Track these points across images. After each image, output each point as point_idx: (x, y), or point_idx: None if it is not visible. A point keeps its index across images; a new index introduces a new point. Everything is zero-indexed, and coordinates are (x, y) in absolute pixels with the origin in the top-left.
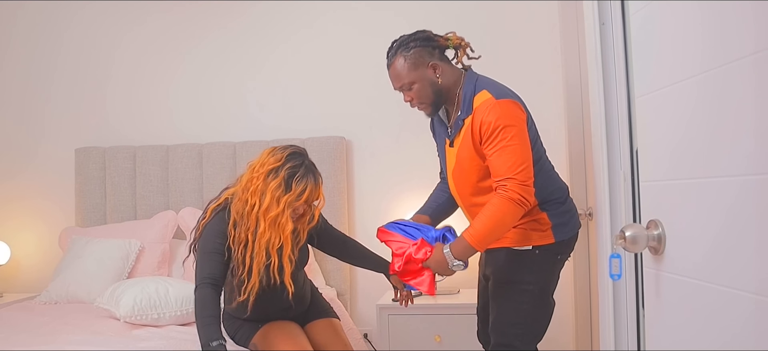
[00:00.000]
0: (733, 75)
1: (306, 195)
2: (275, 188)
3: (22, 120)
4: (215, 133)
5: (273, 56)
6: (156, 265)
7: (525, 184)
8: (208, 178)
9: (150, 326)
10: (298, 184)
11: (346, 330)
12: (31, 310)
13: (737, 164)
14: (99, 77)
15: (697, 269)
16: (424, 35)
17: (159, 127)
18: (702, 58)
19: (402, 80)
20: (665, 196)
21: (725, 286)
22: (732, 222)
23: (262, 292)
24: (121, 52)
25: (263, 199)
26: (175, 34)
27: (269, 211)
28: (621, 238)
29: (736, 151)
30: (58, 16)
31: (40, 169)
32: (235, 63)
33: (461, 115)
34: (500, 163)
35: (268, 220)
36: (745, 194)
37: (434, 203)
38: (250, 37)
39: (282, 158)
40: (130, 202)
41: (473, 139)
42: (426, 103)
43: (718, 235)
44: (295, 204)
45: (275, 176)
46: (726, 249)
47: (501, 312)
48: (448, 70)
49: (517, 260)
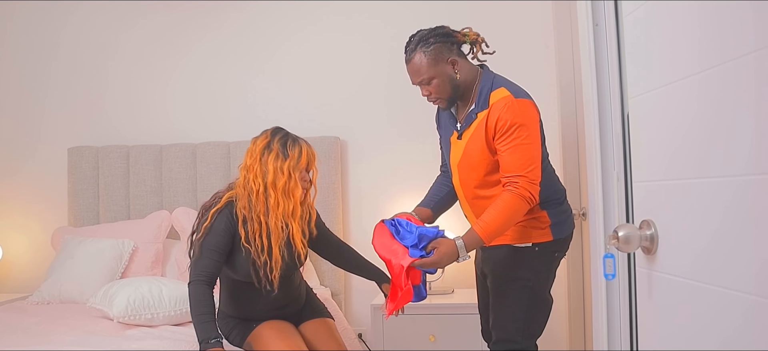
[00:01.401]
0: (727, 76)
1: (304, 157)
2: (274, 160)
3: (15, 119)
4: (209, 132)
5: (267, 56)
6: (149, 265)
7: (534, 182)
8: (202, 177)
9: (143, 326)
10: (292, 148)
11: (340, 330)
12: (23, 311)
13: (730, 165)
14: (92, 76)
15: (690, 269)
16: (443, 31)
17: (153, 126)
18: (695, 60)
19: (421, 75)
20: (658, 196)
21: (718, 286)
22: (724, 222)
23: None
24: (114, 52)
25: (267, 175)
26: (169, 34)
27: (277, 182)
28: (614, 238)
29: (728, 152)
30: (53, 15)
31: (33, 168)
32: (229, 63)
33: (475, 109)
34: (513, 160)
35: (278, 191)
36: (737, 195)
37: (436, 196)
38: (244, 37)
39: (268, 135)
40: (124, 202)
41: (486, 134)
42: (443, 98)
43: (711, 235)
44: (298, 167)
45: (269, 151)
46: (719, 249)
47: (502, 308)
48: (465, 65)
49: (517, 257)
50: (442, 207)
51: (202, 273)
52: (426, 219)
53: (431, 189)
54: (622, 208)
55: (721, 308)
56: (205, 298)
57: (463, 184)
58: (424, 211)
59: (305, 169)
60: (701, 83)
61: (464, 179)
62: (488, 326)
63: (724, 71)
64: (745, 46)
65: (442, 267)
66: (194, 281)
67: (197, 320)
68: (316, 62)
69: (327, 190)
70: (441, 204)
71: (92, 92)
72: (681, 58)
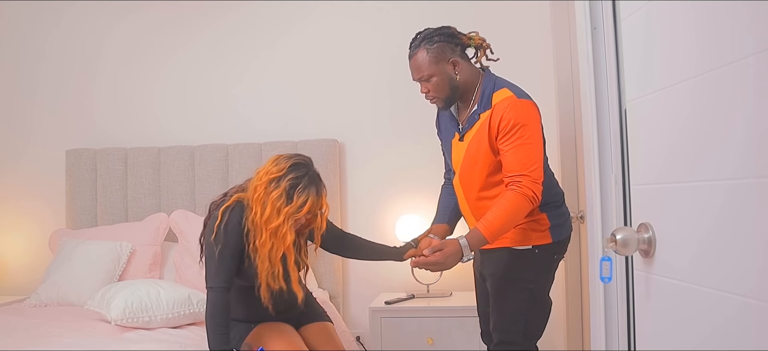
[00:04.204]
0: (725, 79)
1: (307, 207)
2: (276, 199)
3: (13, 120)
4: (208, 135)
5: (267, 58)
6: (147, 267)
7: (537, 182)
8: (200, 180)
9: (141, 329)
10: (299, 195)
11: (338, 333)
12: (20, 313)
13: (728, 168)
14: (92, 78)
15: (688, 272)
16: (448, 31)
17: (151, 129)
18: (693, 62)
19: (421, 72)
20: (656, 199)
21: (716, 289)
22: (722, 225)
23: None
24: (113, 52)
25: (265, 209)
26: (169, 36)
27: (270, 222)
28: (612, 241)
29: (726, 154)
30: (47, 14)
31: (31, 170)
32: (228, 65)
33: (477, 110)
34: (516, 159)
35: (268, 231)
36: (735, 197)
37: (448, 208)
38: (244, 38)
39: (284, 168)
40: (122, 204)
41: (489, 134)
42: (441, 97)
43: (709, 238)
44: (296, 216)
45: (276, 186)
46: (716, 252)
47: (503, 310)
48: (466, 67)
49: (517, 259)
50: (455, 218)
51: (222, 278)
52: (443, 234)
53: (440, 202)
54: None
55: (719, 311)
56: (224, 308)
57: (465, 185)
58: (440, 228)
59: (307, 214)
60: (699, 86)
61: (466, 180)
62: (488, 328)
63: (722, 74)
64: (743, 49)
65: (447, 268)
66: (214, 287)
67: (213, 330)
68: (316, 64)
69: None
70: (454, 215)
71: (90, 94)
72: (679, 61)
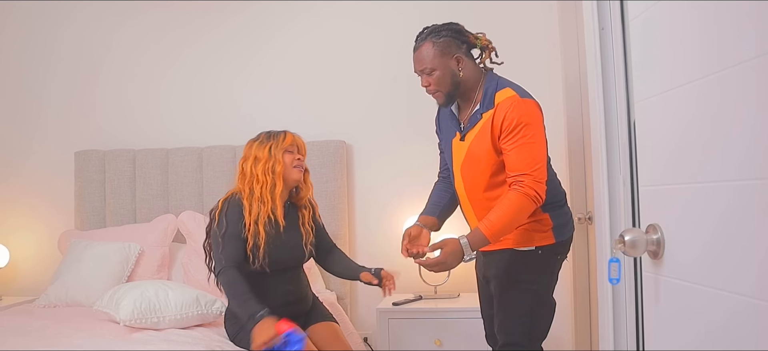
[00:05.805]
0: (733, 79)
1: (288, 138)
2: (259, 145)
3: (21, 122)
4: (215, 136)
5: (274, 60)
6: (155, 268)
7: (540, 181)
8: (208, 181)
9: (150, 329)
10: (276, 135)
11: (346, 334)
12: (30, 314)
13: (737, 168)
14: (100, 79)
15: (697, 273)
16: (456, 27)
17: (158, 130)
18: (701, 63)
19: (424, 64)
20: (664, 200)
21: (724, 290)
22: (731, 226)
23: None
24: (120, 53)
25: (256, 161)
26: (176, 37)
27: (258, 162)
28: (620, 242)
29: (735, 155)
30: (55, 14)
31: (40, 171)
32: (235, 66)
33: (480, 109)
34: (519, 158)
35: (259, 169)
36: (744, 198)
37: (439, 203)
38: (251, 39)
39: (259, 134)
40: (130, 206)
41: (492, 133)
42: (441, 92)
43: (718, 239)
44: (282, 146)
45: (256, 140)
46: (725, 253)
47: (507, 311)
48: (470, 66)
49: (520, 260)
50: (445, 213)
51: (229, 259)
52: (431, 227)
53: (432, 196)
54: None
55: (727, 312)
56: (239, 279)
57: (466, 186)
58: (429, 219)
59: (291, 145)
60: (708, 87)
61: (467, 181)
62: (492, 330)
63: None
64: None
65: (449, 268)
66: (223, 268)
67: (238, 301)
68: (323, 65)
69: (333, 194)
70: (445, 210)
71: (99, 96)
72: (687, 62)
